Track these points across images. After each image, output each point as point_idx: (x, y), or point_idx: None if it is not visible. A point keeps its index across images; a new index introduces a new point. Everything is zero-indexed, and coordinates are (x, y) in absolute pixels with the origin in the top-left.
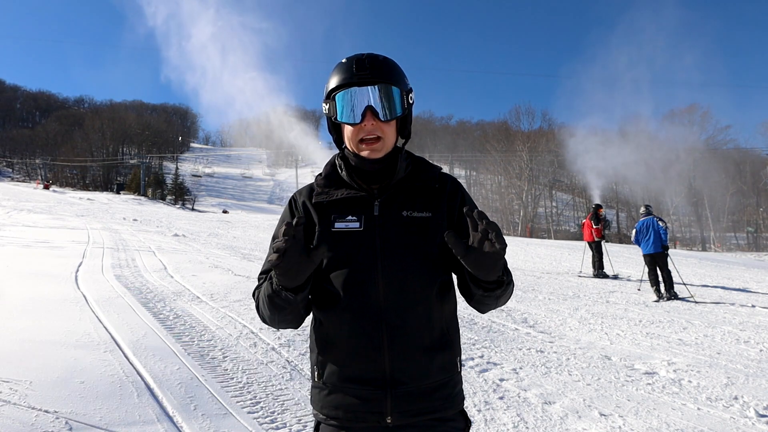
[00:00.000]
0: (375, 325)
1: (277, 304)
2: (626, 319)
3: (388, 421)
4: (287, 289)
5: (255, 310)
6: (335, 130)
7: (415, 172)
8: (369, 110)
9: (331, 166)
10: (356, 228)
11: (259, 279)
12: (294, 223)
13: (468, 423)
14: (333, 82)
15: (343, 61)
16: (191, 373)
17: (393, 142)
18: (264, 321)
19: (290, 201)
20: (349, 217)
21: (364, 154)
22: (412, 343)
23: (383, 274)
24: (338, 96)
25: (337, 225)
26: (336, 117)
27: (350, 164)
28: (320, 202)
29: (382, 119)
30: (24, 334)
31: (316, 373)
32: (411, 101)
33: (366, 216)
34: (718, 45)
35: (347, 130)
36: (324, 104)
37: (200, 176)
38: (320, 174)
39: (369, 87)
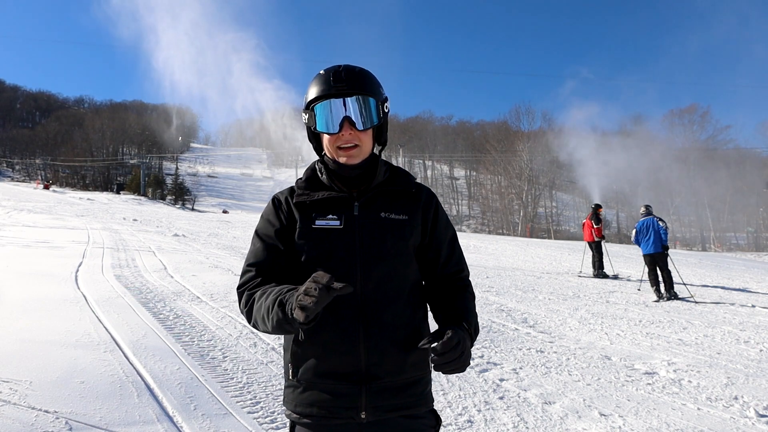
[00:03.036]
0: (353, 319)
1: (286, 329)
2: (626, 319)
3: (363, 416)
4: (302, 323)
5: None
6: (314, 138)
7: (392, 178)
8: (346, 120)
9: (311, 170)
10: (337, 225)
11: (244, 273)
12: (330, 283)
13: (438, 421)
14: (312, 94)
15: (321, 72)
16: (191, 373)
17: (370, 148)
18: (255, 327)
19: (273, 200)
20: (330, 216)
21: (342, 160)
22: (388, 337)
23: (362, 270)
24: (317, 107)
25: (318, 222)
26: (315, 127)
27: (330, 169)
28: (302, 202)
29: (359, 128)
30: (24, 334)
31: (290, 371)
32: (386, 110)
33: (346, 215)
34: (718, 45)
35: (326, 138)
36: (303, 114)
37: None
38: (301, 178)
39: (346, 98)
